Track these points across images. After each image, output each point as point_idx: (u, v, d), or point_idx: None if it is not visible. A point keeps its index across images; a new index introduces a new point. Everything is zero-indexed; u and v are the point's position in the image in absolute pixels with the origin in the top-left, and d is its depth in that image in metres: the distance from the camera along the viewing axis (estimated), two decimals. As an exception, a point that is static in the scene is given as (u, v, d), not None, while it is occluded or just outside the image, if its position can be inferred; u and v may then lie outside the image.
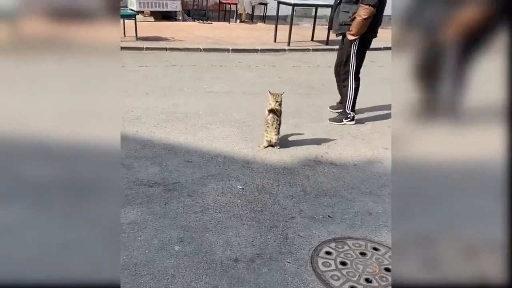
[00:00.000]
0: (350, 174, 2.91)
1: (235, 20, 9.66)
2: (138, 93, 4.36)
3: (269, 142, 3.23)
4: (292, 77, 5.54)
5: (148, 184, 2.56)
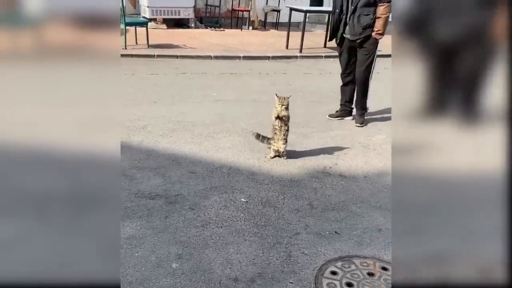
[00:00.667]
0: (359, 187, 2.79)
1: (247, 27, 9.64)
2: (147, 101, 4.33)
3: (276, 152, 3.14)
4: (303, 85, 5.44)
5: (149, 196, 2.50)
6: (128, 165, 2.87)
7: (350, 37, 3.74)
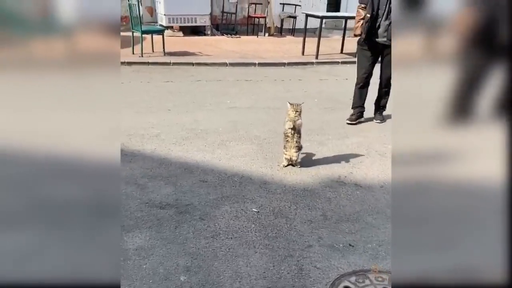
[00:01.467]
0: (375, 197, 2.69)
1: (263, 34, 9.63)
2: (161, 109, 4.34)
3: (289, 161, 3.08)
4: (319, 91, 5.37)
5: (160, 205, 2.47)
6: (140, 173, 2.86)
7: (387, 41, 3.74)
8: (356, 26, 3.92)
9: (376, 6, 3.68)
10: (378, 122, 4.18)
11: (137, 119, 3.95)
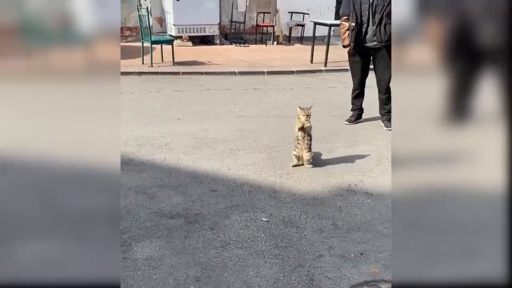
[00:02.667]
0: (386, 206, 2.66)
1: (272, 42, 9.67)
2: (170, 118, 4.37)
3: (299, 160, 3.19)
4: (328, 99, 5.35)
5: (169, 215, 2.47)
6: (149, 183, 2.87)
7: (376, 44, 3.90)
8: (343, 37, 4.06)
9: (359, 14, 3.85)
10: (389, 129, 4.14)
11: (147, 128, 3.98)
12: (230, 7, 9.40)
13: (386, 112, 4.22)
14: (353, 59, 4.17)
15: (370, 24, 3.87)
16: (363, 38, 3.93)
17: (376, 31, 3.84)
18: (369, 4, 3.82)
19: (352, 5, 3.88)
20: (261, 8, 9.74)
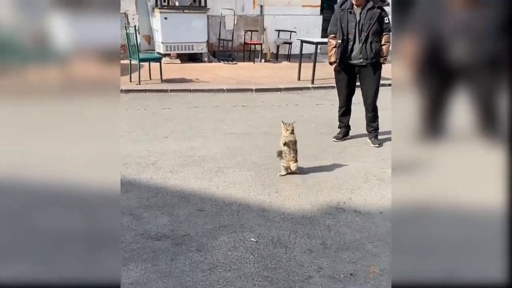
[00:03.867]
0: (375, 224, 2.65)
1: (260, 60, 9.76)
2: (158, 136, 4.33)
3: (287, 170, 3.32)
4: (315, 116, 5.39)
5: (156, 237, 2.42)
6: (136, 203, 2.81)
7: (362, 61, 3.98)
8: (329, 54, 4.12)
9: (345, 32, 3.93)
10: (376, 146, 4.19)
11: (134, 147, 3.93)
12: (218, 25, 9.50)
13: (373, 130, 4.27)
14: (339, 76, 4.21)
15: (357, 42, 3.93)
16: (349, 56, 3.99)
17: (362, 49, 3.91)
18: (355, 23, 3.88)
19: (339, 23, 3.94)
20: (248, 26, 9.86)
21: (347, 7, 3.90)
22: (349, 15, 3.89)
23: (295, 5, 10.13)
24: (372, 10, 3.81)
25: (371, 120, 4.25)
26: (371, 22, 3.82)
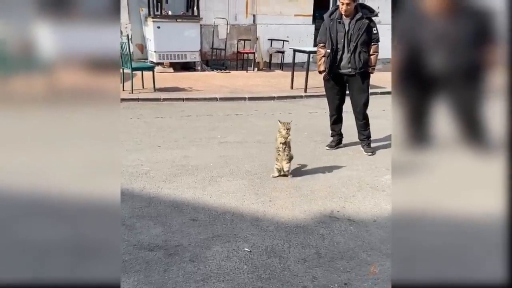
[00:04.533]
0: (369, 232, 2.65)
1: (253, 69, 9.80)
2: (151, 145, 4.31)
3: (280, 171, 3.44)
4: (309, 124, 5.41)
5: (148, 247, 2.39)
6: (128, 214, 2.78)
7: (350, 71, 4.02)
8: (319, 64, 4.18)
9: (335, 41, 3.97)
10: (369, 154, 4.21)
11: (126, 156, 3.90)
12: (211, 34, 9.54)
13: (365, 138, 4.29)
14: (328, 85, 4.26)
15: (345, 52, 3.98)
16: (338, 65, 4.04)
17: (351, 59, 3.95)
18: (344, 33, 3.94)
19: (329, 32, 3.99)
20: (241, 35, 9.92)
21: (336, 17, 3.96)
22: (338, 25, 3.94)
23: (288, 14, 10.23)
24: (361, 21, 3.87)
25: (363, 128, 4.28)
26: (359, 33, 3.87)
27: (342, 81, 4.16)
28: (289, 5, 10.17)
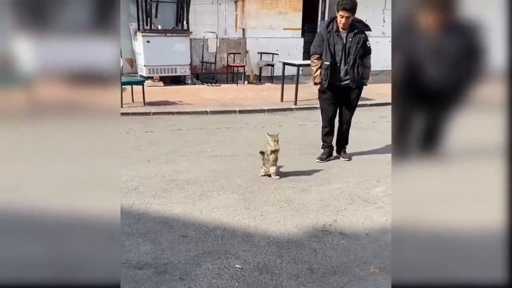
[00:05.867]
0: (361, 246, 2.63)
1: (243, 82, 9.84)
2: (140, 160, 4.26)
3: (266, 173, 3.76)
4: (299, 136, 5.42)
5: (137, 266, 2.33)
6: (116, 231, 2.72)
7: (350, 83, 4.07)
8: (314, 75, 4.13)
9: (333, 53, 4.00)
10: (346, 160, 4.40)
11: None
12: (201, 48, 9.58)
13: (345, 144, 4.48)
14: (324, 97, 4.24)
15: (342, 64, 4.02)
16: (336, 77, 4.05)
17: (350, 72, 4.00)
18: (342, 45, 3.96)
19: (326, 45, 3.98)
20: (231, 49, 9.97)
21: (334, 29, 3.96)
22: (336, 37, 3.97)
23: (277, 28, 10.33)
24: (359, 35, 3.93)
25: (345, 135, 4.43)
26: (357, 46, 3.93)
27: (337, 93, 4.17)
28: (278, 18, 10.28)
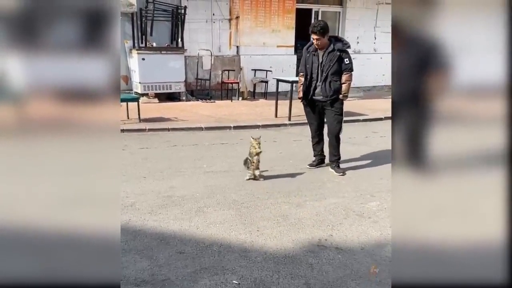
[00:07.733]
0: (357, 261, 2.65)
1: (237, 98, 9.94)
2: (135, 177, 4.27)
3: (252, 176, 4.11)
4: (293, 152, 5.47)
5: (135, 283, 2.33)
6: (113, 247, 2.72)
7: (322, 98, 4.43)
8: (298, 91, 4.65)
9: (309, 71, 4.44)
10: (340, 174, 4.49)
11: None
12: (195, 65, 9.69)
13: (337, 159, 4.59)
14: (307, 110, 4.70)
15: (319, 81, 4.41)
16: (313, 93, 4.47)
17: (322, 87, 4.37)
18: (318, 64, 4.37)
19: (305, 63, 4.49)
20: (225, 66, 10.10)
21: (312, 50, 4.39)
22: (313, 57, 4.39)
23: (270, 45, 10.50)
24: (332, 53, 4.25)
25: (335, 150, 4.56)
26: (330, 64, 4.27)
27: (317, 106, 4.56)
28: (271, 36, 10.46)
